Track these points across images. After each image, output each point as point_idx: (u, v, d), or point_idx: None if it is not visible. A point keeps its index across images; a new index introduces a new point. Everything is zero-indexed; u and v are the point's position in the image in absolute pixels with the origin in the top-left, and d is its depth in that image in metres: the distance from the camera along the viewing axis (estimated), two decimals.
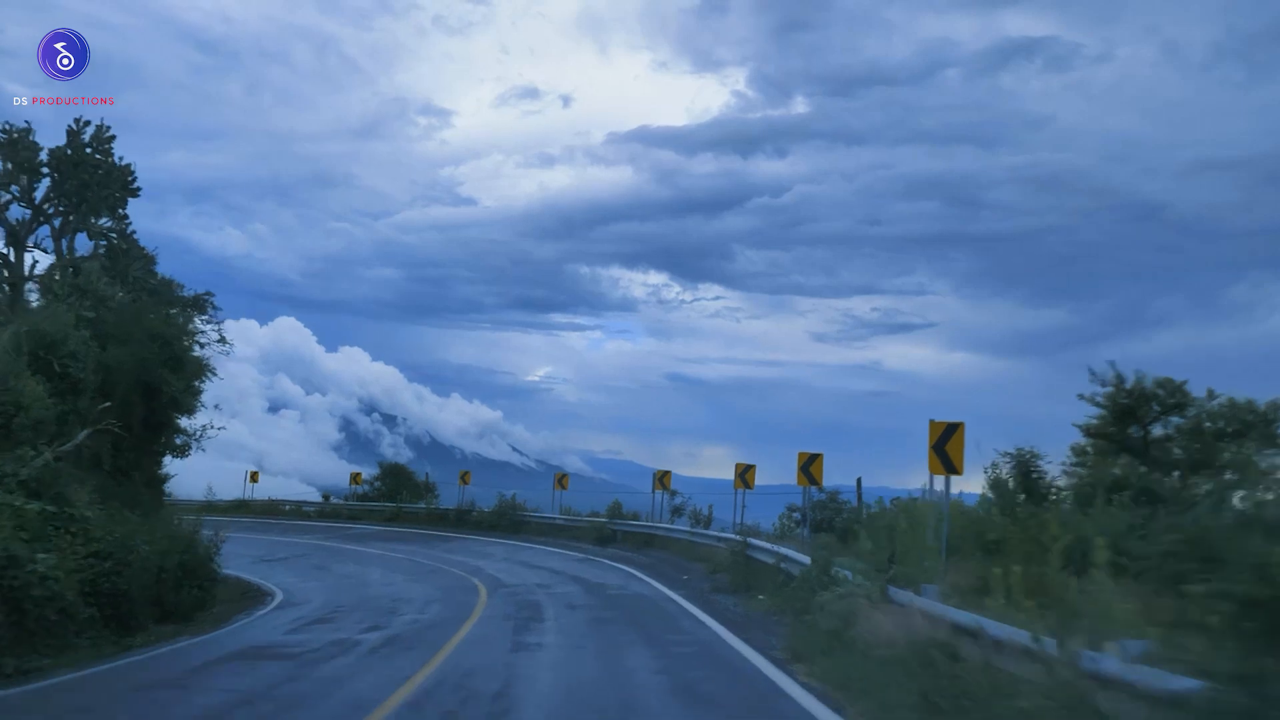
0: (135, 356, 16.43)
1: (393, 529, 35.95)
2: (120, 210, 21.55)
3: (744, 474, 24.49)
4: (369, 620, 14.01)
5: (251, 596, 19.30)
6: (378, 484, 41.90)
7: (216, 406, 20.61)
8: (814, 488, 16.48)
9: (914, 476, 13.74)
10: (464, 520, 35.34)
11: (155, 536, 13.95)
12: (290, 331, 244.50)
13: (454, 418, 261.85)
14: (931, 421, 11.37)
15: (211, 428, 20.44)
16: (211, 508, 44.74)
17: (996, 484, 13.44)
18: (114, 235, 21.40)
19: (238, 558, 24.25)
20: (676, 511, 27.26)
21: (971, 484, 13.02)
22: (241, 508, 43.23)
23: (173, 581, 13.94)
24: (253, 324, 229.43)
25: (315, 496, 47.20)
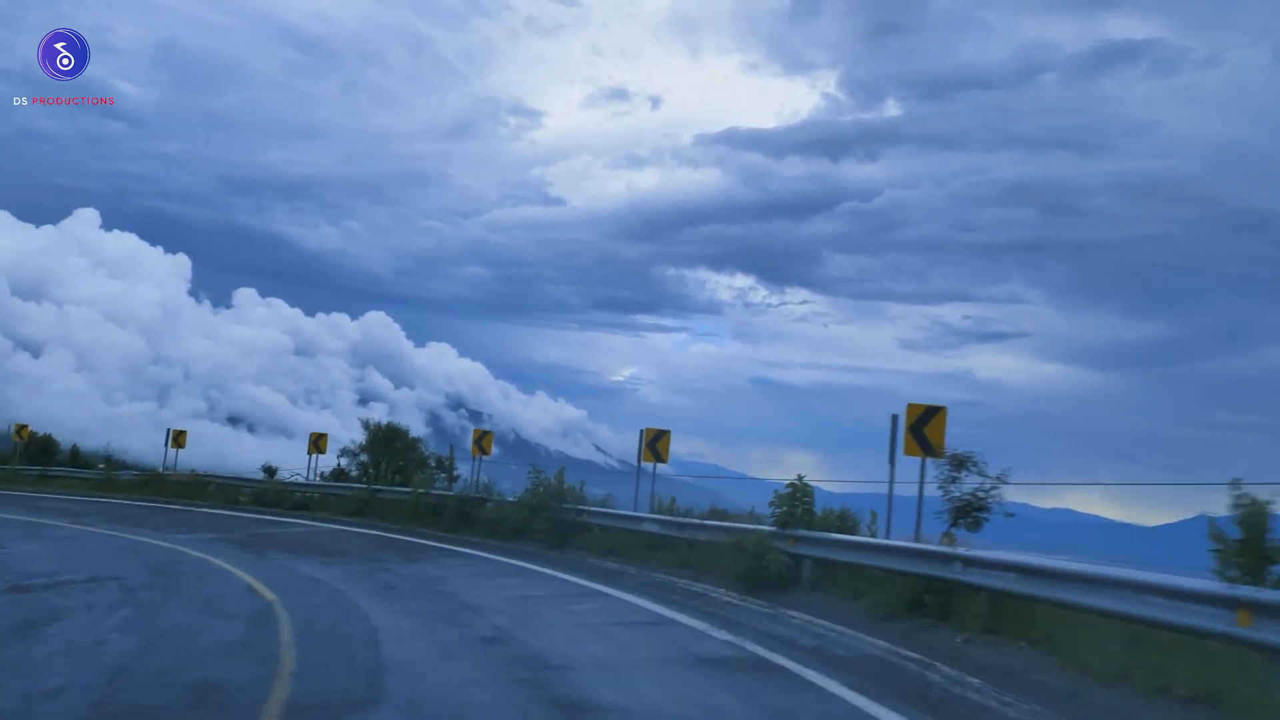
0: None
1: (349, 527, 19.80)
2: None
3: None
4: None
5: None
6: (361, 457, 25.84)
7: None
8: None
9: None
10: (470, 519, 18.76)
11: None
12: (380, 326, 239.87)
13: (539, 416, 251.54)
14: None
15: None
16: (110, 485, 29.60)
17: None
18: None
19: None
20: (965, 515, 10.09)
21: None
22: (150, 484, 27.76)
23: None
24: (344, 318, 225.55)
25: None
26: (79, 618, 9.46)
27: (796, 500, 11.15)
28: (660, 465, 17.01)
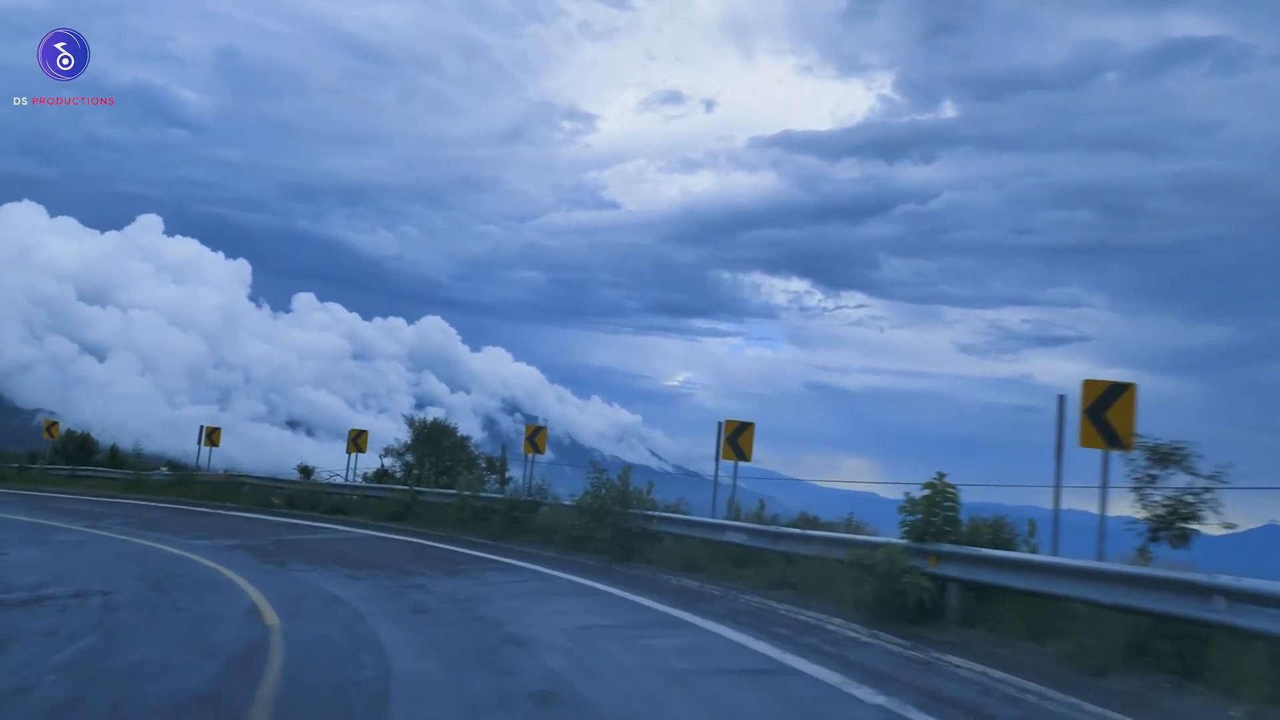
0: None
1: (386, 534, 17.71)
2: None
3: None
4: None
5: None
6: (406, 456, 23.82)
7: None
8: None
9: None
10: (521, 525, 16.50)
11: None
12: (436, 331, 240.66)
13: (594, 420, 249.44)
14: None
15: None
16: (139, 485, 27.95)
17: None
18: None
19: None
20: (1168, 527, 7.48)
21: None
22: (180, 485, 26.07)
23: None
24: (401, 322, 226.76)
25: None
26: (27, 649, 7.41)
27: (936, 506, 8.61)
28: (709, 469, 14.59)
